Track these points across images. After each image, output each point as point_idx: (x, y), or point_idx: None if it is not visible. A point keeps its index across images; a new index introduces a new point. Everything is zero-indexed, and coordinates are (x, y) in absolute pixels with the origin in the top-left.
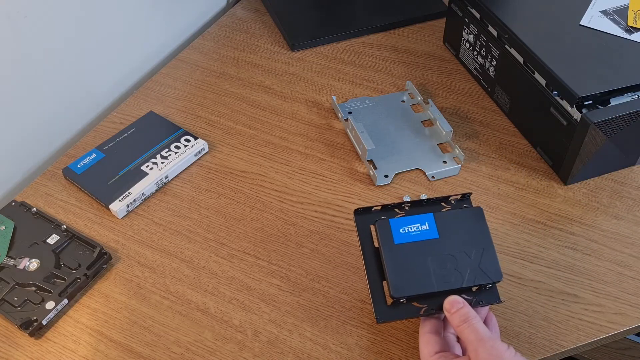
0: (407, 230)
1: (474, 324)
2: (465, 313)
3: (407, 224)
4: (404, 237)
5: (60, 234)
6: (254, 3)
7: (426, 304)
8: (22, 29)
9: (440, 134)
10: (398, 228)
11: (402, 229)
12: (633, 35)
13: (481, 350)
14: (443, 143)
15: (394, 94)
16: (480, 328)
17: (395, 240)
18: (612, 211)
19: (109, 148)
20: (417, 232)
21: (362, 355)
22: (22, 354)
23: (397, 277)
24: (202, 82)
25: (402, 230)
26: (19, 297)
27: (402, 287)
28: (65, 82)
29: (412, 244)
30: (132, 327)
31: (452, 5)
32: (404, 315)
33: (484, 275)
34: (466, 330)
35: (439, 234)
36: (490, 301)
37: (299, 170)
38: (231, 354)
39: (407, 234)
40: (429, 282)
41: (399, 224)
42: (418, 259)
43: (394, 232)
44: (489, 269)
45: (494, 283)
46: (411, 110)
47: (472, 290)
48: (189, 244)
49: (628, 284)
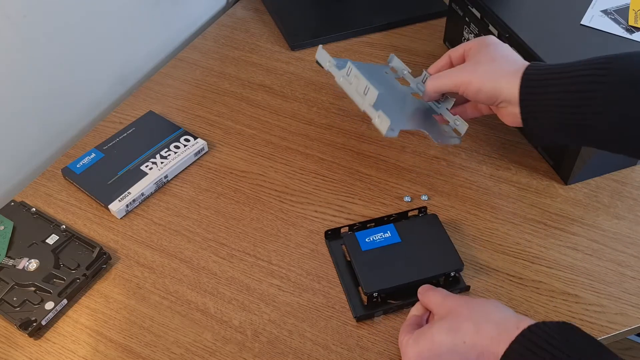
0: (372, 239)
1: (435, 289)
2: (430, 287)
3: (372, 234)
4: (369, 244)
5: (60, 234)
6: (254, 2)
7: (400, 300)
8: (22, 28)
9: (435, 104)
10: (364, 238)
11: (367, 238)
12: (634, 35)
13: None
14: (438, 115)
15: (376, 65)
16: (442, 290)
17: (362, 247)
18: (613, 211)
19: (109, 148)
20: (381, 239)
21: (362, 355)
22: (21, 354)
23: (367, 276)
24: (201, 82)
25: (368, 240)
26: (18, 298)
27: (372, 283)
28: (65, 82)
29: (378, 249)
30: (131, 327)
31: (453, 5)
32: (380, 312)
33: (446, 265)
34: (429, 294)
35: (401, 239)
36: (457, 288)
37: (299, 170)
38: (231, 354)
39: (372, 242)
40: (397, 276)
41: (364, 235)
42: (384, 259)
43: (360, 242)
44: (450, 260)
45: (456, 271)
46: (397, 82)
47: (440, 283)
48: (188, 244)
49: (629, 284)
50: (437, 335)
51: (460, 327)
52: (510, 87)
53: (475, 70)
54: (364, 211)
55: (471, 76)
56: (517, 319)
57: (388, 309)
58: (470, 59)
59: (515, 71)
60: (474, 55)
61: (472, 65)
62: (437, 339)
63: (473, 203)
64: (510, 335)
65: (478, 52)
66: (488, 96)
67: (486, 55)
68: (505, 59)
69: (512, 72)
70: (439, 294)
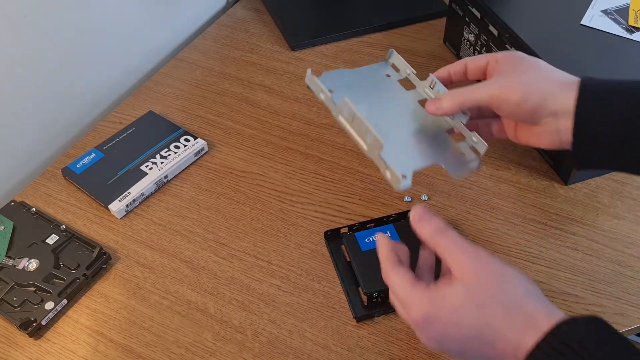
0: (371, 239)
1: (450, 234)
2: (437, 223)
3: (371, 235)
4: (369, 245)
5: (60, 234)
6: (254, 2)
7: None
8: (22, 28)
9: (446, 118)
10: (363, 239)
11: (367, 238)
12: (634, 35)
13: (465, 259)
14: (450, 129)
15: (374, 66)
16: (458, 236)
17: (362, 248)
18: (613, 211)
19: (109, 148)
20: None
21: (363, 355)
22: (21, 354)
23: (367, 276)
24: (201, 82)
25: (367, 240)
26: (18, 298)
27: (372, 283)
28: (65, 82)
29: None
30: (131, 327)
31: (453, 5)
32: (380, 312)
33: None
34: (442, 241)
35: (401, 239)
36: None
37: (299, 170)
38: (231, 354)
39: (372, 242)
40: None
41: (364, 235)
42: None
43: (360, 242)
44: None
45: None
46: (400, 86)
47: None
48: (188, 244)
49: (629, 284)
50: (464, 310)
51: (490, 306)
52: (562, 98)
53: (518, 79)
54: (364, 211)
55: (513, 85)
56: (547, 312)
57: (388, 309)
58: (501, 70)
59: (567, 81)
60: (506, 65)
61: (509, 74)
62: (465, 315)
63: (473, 203)
64: (540, 328)
65: (510, 63)
66: (533, 109)
67: (526, 65)
68: (551, 69)
69: (563, 82)
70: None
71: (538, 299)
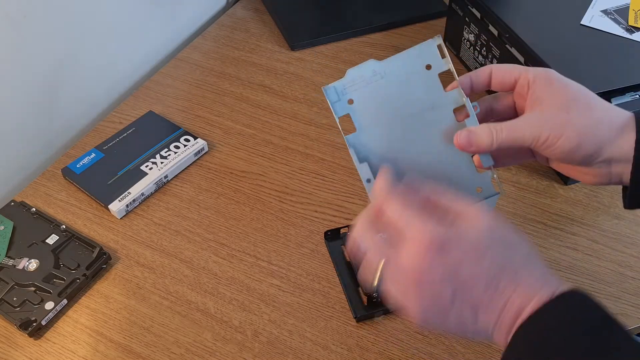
0: None
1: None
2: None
3: None
4: None
5: (60, 234)
6: (254, 2)
7: None
8: (22, 28)
9: None
10: None
11: None
12: (634, 35)
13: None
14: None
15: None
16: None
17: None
18: (613, 211)
19: (109, 148)
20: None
21: (362, 355)
22: (21, 354)
23: None
24: (201, 82)
25: None
26: (18, 298)
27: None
28: (65, 82)
29: None
30: (131, 327)
31: (453, 5)
32: (380, 312)
33: None
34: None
35: None
36: None
37: (299, 170)
38: (231, 354)
39: None
40: None
41: None
42: None
43: None
44: None
45: None
46: (440, 86)
47: None
48: (188, 244)
49: (629, 285)
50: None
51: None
52: (619, 142)
53: (570, 122)
54: None
55: (564, 130)
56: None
57: (388, 309)
58: (542, 99)
59: (623, 123)
60: (546, 91)
61: (556, 111)
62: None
63: None
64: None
65: (550, 89)
66: (588, 154)
67: (573, 97)
68: (602, 104)
69: (620, 125)
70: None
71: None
